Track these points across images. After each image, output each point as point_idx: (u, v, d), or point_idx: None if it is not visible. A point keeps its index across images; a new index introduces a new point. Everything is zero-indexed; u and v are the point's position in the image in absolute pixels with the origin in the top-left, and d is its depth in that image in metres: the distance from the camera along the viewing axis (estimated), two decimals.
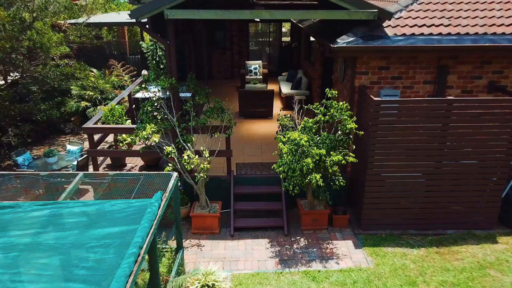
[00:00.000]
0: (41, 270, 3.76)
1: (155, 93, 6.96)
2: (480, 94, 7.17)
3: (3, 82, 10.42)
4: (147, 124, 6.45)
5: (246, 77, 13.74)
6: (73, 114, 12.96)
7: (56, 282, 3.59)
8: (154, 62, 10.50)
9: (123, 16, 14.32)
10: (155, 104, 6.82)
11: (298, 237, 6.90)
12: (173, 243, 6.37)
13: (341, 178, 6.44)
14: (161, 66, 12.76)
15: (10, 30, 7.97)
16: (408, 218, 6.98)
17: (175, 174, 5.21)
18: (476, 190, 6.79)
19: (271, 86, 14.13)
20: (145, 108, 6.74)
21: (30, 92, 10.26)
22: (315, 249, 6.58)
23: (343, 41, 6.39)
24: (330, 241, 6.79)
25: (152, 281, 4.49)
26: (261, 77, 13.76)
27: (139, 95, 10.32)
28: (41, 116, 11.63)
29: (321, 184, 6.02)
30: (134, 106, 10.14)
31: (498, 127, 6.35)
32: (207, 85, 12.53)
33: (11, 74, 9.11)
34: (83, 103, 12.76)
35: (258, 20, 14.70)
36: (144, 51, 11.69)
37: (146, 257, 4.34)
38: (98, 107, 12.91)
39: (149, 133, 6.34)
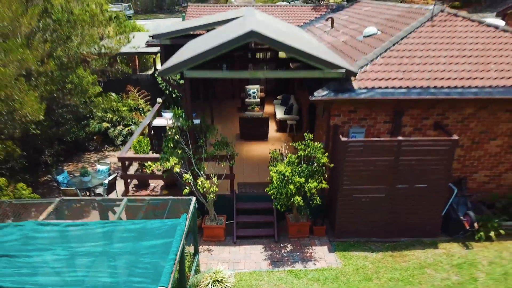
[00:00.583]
0: (112, 269, 5.78)
1: (172, 126, 8.93)
2: (428, 131, 9.15)
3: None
4: (171, 157, 8.44)
5: (246, 100, 15.71)
6: (95, 134, 14.95)
7: (124, 277, 5.59)
8: (170, 95, 12.39)
9: (138, 41, 16.15)
10: (175, 138, 8.81)
11: (286, 244, 8.91)
12: (190, 249, 8.36)
13: (318, 198, 8.42)
14: (173, 95, 14.80)
15: (57, 76, 9.97)
16: (372, 229, 8.98)
17: (193, 199, 7.22)
18: (424, 207, 8.78)
19: (267, 107, 16.14)
20: (168, 144, 8.73)
21: (66, 119, 12.24)
22: (298, 253, 8.58)
23: (318, 94, 8.38)
24: (310, 247, 8.79)
25: (181, 277, 6.49)
26: (258, 100, 15.72)
27: (156, 122, 12.31)
28: (70, 137, 13.66)
29: (302, 204, 8.02)
30: (152, 132, 12.13)
31: (436, 160, 8.34)
32: (212, 104, 14.56)
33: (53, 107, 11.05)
34: (105, 124, 14.75)
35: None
36: (159, 82, 13.65)
37: None
38: (118, 127, 14.92)
39: (172, 164, 8.33)
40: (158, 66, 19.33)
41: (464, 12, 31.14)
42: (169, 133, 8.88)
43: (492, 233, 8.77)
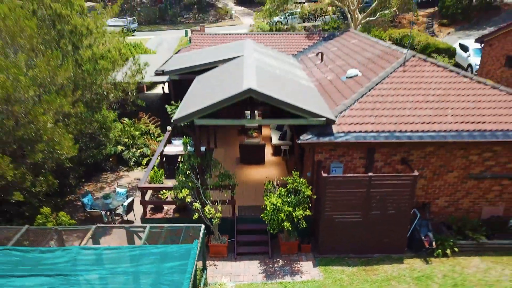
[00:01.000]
0: (144, 285, 7.63)
1: (184, 160, 10.78)
2: (396, 165, 10.99)
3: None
4: (183, 189, 10.28)
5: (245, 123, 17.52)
6: (111, 156, 16.79)
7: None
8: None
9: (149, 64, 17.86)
10: (187, 172, 10.64)
11: (278, 259, 10.76)
12: (200, 263, 10.21)
13: (303, 222, 10.25)
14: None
15: (85, 117, 11.82)
16: (349, 247, 10.82)
17: (202, 227, 9.07)
18: (393, 229, 10.62)
19: (265, 130, 17.97)
20: (181, 176, 10.57)
21: (88, 147, 14.09)
22: (288, 268, 10.43)
23: (304, 138, 10.23)
24: (298, 262, 10.64)
25: None
26: (257, 124, 17.55)
27: (167, 150, 14.15)
28: (90, 160, 15.50)
29: (290, 228, 9.87)
30: (164, 159, 13.98)
31: (401, 191, 10.18)
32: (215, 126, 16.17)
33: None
34: (120, 147, 16.58)
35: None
36: (169, 112, 15.50)
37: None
38: (131, 150, 16.74)
39: (184, 195, 10.18)
40: (166, 90, 21.09)
41: (452, 29, 33.22)
42: (182, 167, 10.72)
43: (448, 251, 10.60)
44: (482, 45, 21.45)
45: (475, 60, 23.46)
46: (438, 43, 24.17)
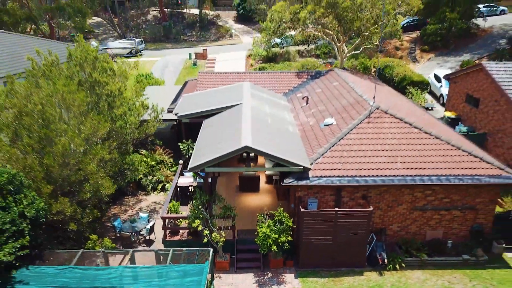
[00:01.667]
0: None
1: (196, 198, 14.12)
2: (358, 200, 14.32)
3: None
4: (196, 220, 13.62)
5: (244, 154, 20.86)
6: (131, 182, 20.11)
7: None
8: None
9: (160, 96, 21.09)
10: (199, 207, 13.97)
11: (268, 272, 14.10)
12: (209, 276, 13.53)
13: (287, 245, 13.57)
14: (190, 151, 19.86)
15: (118, 160, 15.17)
16: (322, 262, 14.15)
17: (211, 251, 12.41)
18: (355, 249, 13.94)
19: (260, 159, 21.27)
20: (194, 211, 13.90)
21: (118, 180, 17.40)
22: (275, 279, 13.77)
23: (287, 181, 13.57)
24: (283, 274, 13.98)
25: None
26: (253, 154, 20.88)
27: (180, 181, 17.49)
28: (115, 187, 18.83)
29: (276, 250, 13.22)
30: (178, 190, 17.32)
31: (360, 221, 13.52)
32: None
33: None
34: (139, 176, 19.91)
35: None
36: (181, 148, 18.83)
37: None
38: (148, 177, 20.06)
39: (197, 225, 13.52)
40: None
41: (432, 55, 36.89)
42: (195, 202, 14.05)
43: (397, 265, 13.94)
44: (449, 81, 24.79)
45: (445, 90, 26.77)
46: (413, 76, 27.44)
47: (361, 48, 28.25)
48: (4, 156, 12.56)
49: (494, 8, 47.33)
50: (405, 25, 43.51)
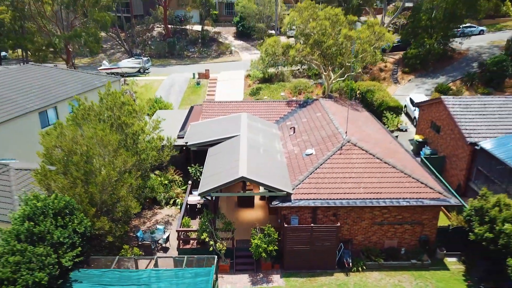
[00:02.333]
0: None
1: (203, 215, 18.14)
2: (331, 217, 18.32)
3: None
4: (203, 233, 17.65)
5: None
6: (147, 198, 24.10)
7: None
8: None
9: (170, 120, 25.16)
10: (206, 223, 17.98)
11: (259, 273, 18.13)
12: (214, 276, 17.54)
13: (274, 252, 17.58)
14: (197, 174, 23.88)
15: (141, 185, 19.18)
16: (302, 266, 18.17)
17: (216, 257, 16.46)
18: (327, 255, 17.95)
19: None
20: (202, 226, 17.91)
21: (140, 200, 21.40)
22: (265, 278, 17.80)
23: (274, 203, 17.60)
24: (271, 275, 18.01)
25: None
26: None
27: (190, 199, 21.50)
28: None
29: (266, 256, 17.26)
30: (188, 206, 21.33)
31: (330, 234, 17.54)
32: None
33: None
34: (155, 194, 23.89)
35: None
36: (190, 172, 22.80)
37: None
38: (162, 194, 24.06)
39: (205, 237, 17.54)
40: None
41: (412, 76, 41.30)
42: (203, 219, 18.06)
43: (360, 268, 17.95)
44: (418, 108, 28.80)
45: (418, 114, 30.75)
46: (389, 102, 31.38)
47: (345, 75, 32.23)
48: (58, 185, 16.57)
49: (474, 29, 51.29)
50: (391, 46, 47.62)
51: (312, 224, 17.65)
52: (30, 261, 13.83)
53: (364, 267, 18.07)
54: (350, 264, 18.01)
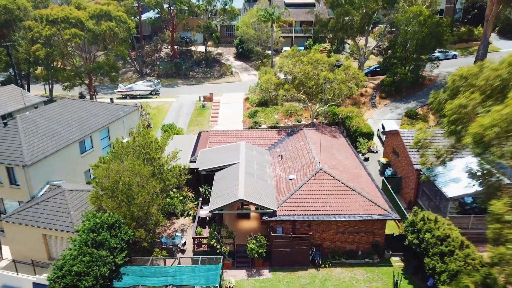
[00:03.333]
0: (201, 279, 21.56)
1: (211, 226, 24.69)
2: (306, 227, 24.88)
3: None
4: (212, 239, 24.23)
5: None
6: (167, 210, 30.66)
7: (204, 283, 21.35)
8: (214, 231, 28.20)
9: (183, 146, 31.80)
10: (214, 233, 24.54)
11: (253, 269, 24.70)
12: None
13: (264, 253, 24.14)
14: (206, 192, 30.53)
15: (167, 203, 25.72)
16: (284, 263, 24.73)
17: (222, 257, 23.08)
18: (303, 255, 24.51)
19: None
20: (211, 235, 24.48)
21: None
22: (257, 272, 24.39)
23: (263, 218, 24.18)
24: (262, 270, 24.60)
25: (219, 281, 22.35)
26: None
27: (201, 213, 28.05)
28: None
29: (258, 256, 23.86)
30: (200, 218, 27.89)
31: (304, 240, 24.11)
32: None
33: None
34: (171, 207, 30.46)
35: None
36: (201, 191, 29.31)
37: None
38: (178, 207, 30.62)
39: (213, 243, 24.13)
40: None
41: (388, 101, 48.59)
42: (212, 229, 24.62)
43: (327, 265, 24.51)
44: (385, 135, 35.36)
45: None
46: (363, 128, 37.86)
47: (327, 105, 38.75)
48: (108, 206, 23.14)
49: (447, 53, 57.79)
50: (373, 70, 54.21)
51: (291, 233, 24.23)
52: (96, 260, 20.43)
53: (330, 264, 24.64)
54: (320, 262, 24.57)
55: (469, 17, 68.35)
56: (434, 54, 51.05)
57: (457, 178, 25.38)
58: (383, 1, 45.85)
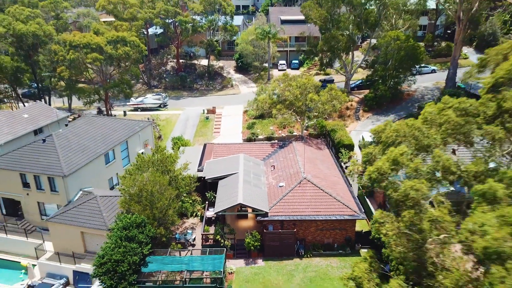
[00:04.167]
0: (209, 266, 27.81)
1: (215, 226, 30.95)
2: (292, 226, 31.11)
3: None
4: (218, 235, 30.49)
5: None
6: (179, 211, 36.91)
7: (212, 269, 27.59)
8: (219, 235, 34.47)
9: (190, 156, 38.06)
10: (219, 232, 30.78)
11: (250, 259, 30.96)
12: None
13: (258, 246, 30.36)
14: (212, 197, 36.83)
15: (180, 206, 31.93)
16: (275, 254, 30.97)
17: (225, 249, 29.38)
18: (290, 247, 30.75)
19: None
20: (216, 231, 30.71)
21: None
22: (253, 261, 30.64)
23: (258, 218, 30.43)
24: (257, 260, 30.85)
25: (223, 268, 28.64)
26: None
27: (207, 214, 34.31)
28: None
29: (253, 248, 30.14)
30: (206, 218, 34.13)
31: (290, 236, 30.36)
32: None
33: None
34: (185, 211, 36.69)
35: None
36: (207, 196, 35.48)
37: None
38: (189, 209, 36.86)
39: (218, 238, 30.38)
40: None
41: (370, 114, 55.56)
42: (217, 228, 30.87)
43: (308, 256, 30.74)
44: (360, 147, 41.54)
45: None
46: (345, 140, 43.94)
47: (315, 120, 44.96)
48: (135, 209, 29.36)
49: (427, 68, 63.92)
50: (358, 84, 60.40)
51: (280, 230, 30.48)
52: (129, 251, 26.69)
53: (311, 255, 30.89)
54: (303, 253, 30.82)
55: (449, 32, 74.40)
56: (414, 69, 57.13)
57: None
58: (365, 26, 51.97)
